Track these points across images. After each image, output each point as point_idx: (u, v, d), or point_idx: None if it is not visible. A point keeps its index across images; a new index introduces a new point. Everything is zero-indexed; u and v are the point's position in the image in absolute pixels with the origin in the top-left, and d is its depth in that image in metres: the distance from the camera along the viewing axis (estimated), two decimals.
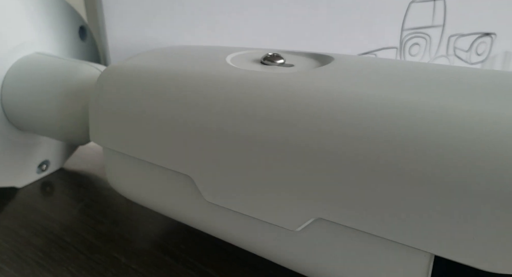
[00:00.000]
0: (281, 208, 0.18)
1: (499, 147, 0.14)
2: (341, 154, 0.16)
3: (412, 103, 0.16)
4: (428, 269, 0.16)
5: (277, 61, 0.21)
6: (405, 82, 0.18)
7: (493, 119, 0.14)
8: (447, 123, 0.15)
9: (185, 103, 0.19)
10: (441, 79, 0.18)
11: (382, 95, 0.17)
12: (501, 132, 0.14)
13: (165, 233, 0.26)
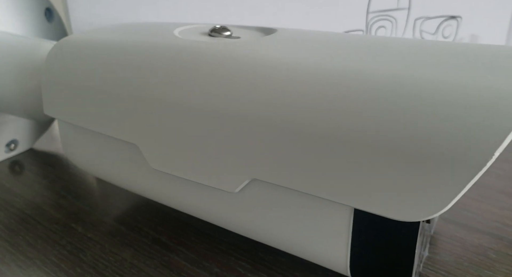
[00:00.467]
0: (219, 171, 0.18)
1: (408, 107, 0.14)
2: (269, 118, 0.17)
3: (335, 69, 0.17)
4: (350, 222, 0.16)
5: (224, 33, 0.22)
6: (335, 50, 0.18)
7: (402, 80, 0.15)
8: (365, 86, 0.16)
9: (128, 73, 0.20)
10: (369, 47, 0.19)
11: (312, 61, 0.17)
12: (412, 94, 0.15)
13: (125, 206, 0.26)
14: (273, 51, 0.19)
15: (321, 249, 0.18)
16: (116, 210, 0.26)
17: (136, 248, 0.22)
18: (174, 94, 0.19)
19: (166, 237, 0.23)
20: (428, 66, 0.16)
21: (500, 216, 0.24)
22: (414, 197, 0.14)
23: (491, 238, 0.22)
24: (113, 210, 0.26)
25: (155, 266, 0.21)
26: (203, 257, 0.22)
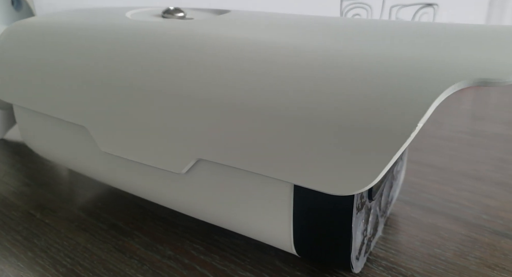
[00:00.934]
0: (166, 152, 0.18)
1: (335, 81, 0.14)
2: (211, 98, 0.16)
3: (272, 44, 0.17)
4: (290, 199, 0.16)
5: (177, 15, 0.22)
6: (278, 28, 0.18)
7: (332, 54, 0.15)
8: (298, 61, 0.16)
9: (76, 55, 0.20)
10: (312, 26, 0.19)
11: (253, 38, 0.17)
12: (339, 68, 0.15)
13: (88, 193, 0.26)
14: (221, 29, 0.19)
15: (267, 228, 0.18)
16: (78, 197, 0.26)
17: (92, 233, 0.22)
18: (120, 75, 0.19)
19: (123, 223, 0.23)
20: (363, 42, 0.16)
21: (458, 197, 0.24)
22: (345, 171, 0.14)
23: (446, 218, 0.23)
24: (75, 197, 0.26)
25: (108, 249, 0.21)
26: (158, 240, 0.22)
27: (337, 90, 0.14)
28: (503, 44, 0.15)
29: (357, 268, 0.18)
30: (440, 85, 0.13)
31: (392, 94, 0.14)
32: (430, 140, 0.33)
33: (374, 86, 0.14)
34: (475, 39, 0.15)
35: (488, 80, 0.13)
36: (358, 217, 0.17)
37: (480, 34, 0.16)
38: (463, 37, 0.16)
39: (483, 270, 0.19)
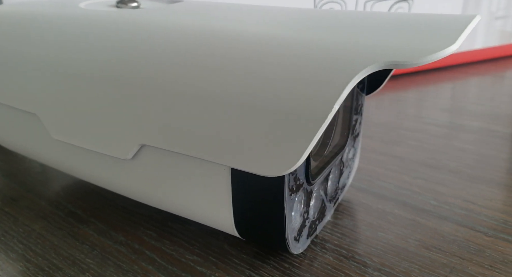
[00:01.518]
0: (112, 139, 0.19)
1: (259, 67, 0.15)
2: (151, 85, 0.17)
3: (209, 30, 0.17)
4: (229, 182, 0.17)
5: (131, 4, 0.22)
6: (221, 16, 0.19)
7: (258, 38, 0.16)
8: (236, 49, 0.16)
9: (26, 43, 0.20)
10: (256, 14, 0.19)
11: (196, 26, 0.18)
12: (262, 54, 0.15)
13: (52, 183, 0.27)
14: (165, 18, 0.19)
15: (210, 211, 0.18)
16: (41, 187, 0.27)
17: (49, 220, 0.23)
18: (67, 63, 0.19)
19: (81, 211, 0.24)
20: (294, 29, 0.17)
21: (411, 185, 0.25)
22: (272, 153, 0.15)
23: (396, 204, 0.23)
24: (39, 186, 0.27)
25: (62, 236, 0.22)
26: (113, 228, 0.22)
27: (262, 76, 0.15)
28: (419, 30, 0.15)
29: (297, 249, 0.19)
30: (353, 68, 0.14)
31: (311, 79, 0.14)
32: (397, 131, 0.33)
33: (295, 71, 0.15)
34: (395, 26, 0.16)
35: (397, 62, 0.14)
36: (293, 199, 0.18)
37: (403, 21, 0.17)
38: (386, 24, 0.16)
39: (420, 251, 0.19)
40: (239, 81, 0.15)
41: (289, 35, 0.16)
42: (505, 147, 0.29)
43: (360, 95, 0.23)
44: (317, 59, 0.15)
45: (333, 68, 0.14)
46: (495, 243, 0.20)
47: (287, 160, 0.15)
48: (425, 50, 0.14)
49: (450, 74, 0.50)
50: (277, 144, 0.15)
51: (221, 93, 0.16)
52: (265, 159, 0.15)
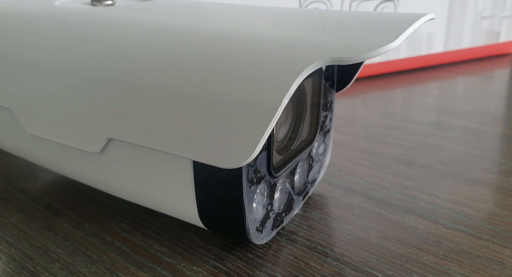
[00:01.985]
0: (81, 133, 0.20)
1: (217, 61, 0.16)
2: (115, 80, 0.18)
3: (176, 26, 0.18)
4: (191, 174, 0.18)
5: (105, 2, 0.23)
6: (190, 13, 0.20)
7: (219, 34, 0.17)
8: (196, 45, 0.17)
9: (1, 39, 0.21)
10: (223, 11, 0.20)
11: (158, 21, 0.19)
12: (219, 50, 0.16)
13: (33, 177, 0.28)
14: (134, 15, 0.20)
15: (176, 203, 0.19)
16: (22, 181, 0.27)
17: (26, 213, 0.24)
18: (39, 59, 0.20)
19: (58, 203, 0.25)
20: (254, 26, 0.17)
21: (381, 180, 0.26)
22: (228, 146, 0.15)
23: (363, 197, 0.24)
24: (20, 181, 0.27)
25: (37, 228, 0.22)
26: (87, 220, 0.23)
27: (218, 72, 0.16)
28: (366, 28, 0.16)
29: (260, 240, 0.20)
30: (301, 65, 0.15)
31: (262, 75, 0.15)
32: (376, 128, 0.34)
33: (248, 67, 0.15)
34: (345, 24, 0.17)
35: (342, 58, 0.14)
36: (254, 191, 0.18)
37: (353, 19, 0.17)
38: (337, 22, 0.17)
39: (380, 242, 0.20)
40: (197, 76, 0.16)
41: (246, 32, 0.17)
42: (478, 144, 0.30)
43: (329, 91, 0.24)
44: (268, 56, 0.15)
45: (283, 64, 0.15)
46: (453, 235, 0.20)
47: (242, 152, 0.15)
48: (368, 46, 0.14)
49: (438, 73, 0.51)
50: (232, 137, 0.16)
51: (180, 88, 0.16)
52: (222, 151, 0.16)
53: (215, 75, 0.16)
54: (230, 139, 0.16)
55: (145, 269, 0.19)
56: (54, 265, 0.20)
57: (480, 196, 0.23)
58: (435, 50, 0.52)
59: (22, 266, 0.20)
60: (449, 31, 0.52)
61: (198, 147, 0.16)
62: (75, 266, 0.19)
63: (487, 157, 0.28)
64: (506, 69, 0.52)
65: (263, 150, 0.18)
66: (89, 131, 0.19)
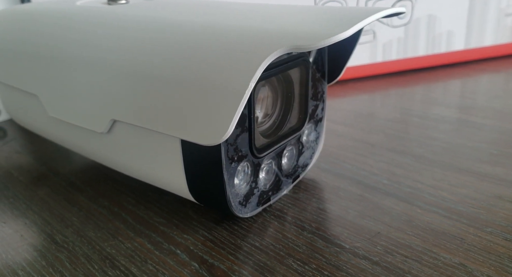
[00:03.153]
0: (91, 115, 0.22)
1: (191, 50, 0.18)
2: (120, 68, 0.20)
3: (172, 23, 0.20)
4: (180, 151, 0.20)
5: (120, 1, 0.26)
6: (187, 11, 0.22)
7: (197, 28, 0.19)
8: (180, 37, 0.19)
9: (30, 35, 0.24)
10: (214, 7, 0.22)
11: (161, 17, 0.21)
12: (199, 41, 0.18)
13: (62, 159, 0.31)
14: (141, 12, 0.23)
15: (170, 178, 0.21)
16: (52, 162, 0.30)
17: (52, 188, 0.27)
18: (59, 51, 0.23)
19: (80, 181, 0.27)
20: (229, 18, 0.19)
21: (372, 167, 0.27)
22: (207, 125, 0.17)
23: (351, 182, 0.25)
24: (50, 161, 0.30)
25: (59, 200, 0.25)
26: (101, 195, 0.26)
27: (197, 60, 0.18)
28: (324, 20, 0.17)
29: (244, 213, 0.21)
30: (264, 52, 0.16)
31: (233, 62, 0.17)
32: (380, 122, 0.35)
33: (221, 56, 0.17)
34: (307, 16, 0.18)
35: (300, 46, 0.16)
36: (235, 167, 0.20)
37: (315, 12, 0.19)
38: (300, 14, 0.19)
39: (355, 220, 0.21)
40: (179, 65, 0.18)
41: (224, 25, 0.19)
42: (476, 136, 0.30)
43: (319, 82, 0.25)
44: (240, 44, 0.17)
45: (251, 52, 0.17)
46: (425, 215, 0.21)
47: (218, 131, 0.17)
48: (321, 35, 0.16)
49: (459, 71, 0.50)
50: (209, 117, 0.17)
51: (167, 75, 0.18)
52: (201, 130, 0.18)
53: (194, 63, 0.18)
54: (207, 119, 0.17)
55: (143, 236, 0.21)
56: (67, 229, 0.22)
57: (462, 183, 0.24)
58: (455, 48, 0.52)
59: (42, 229, 0.22)
60: (470, 28, 0.52)
61: (182, 126, 0.18)
62: (84, 231, 0.22)
63: (480, 148, 0.28)
64: None
65: (244, 131, 0.20)
66: (97, 114, 0.22)
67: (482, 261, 0.18)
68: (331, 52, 0.25)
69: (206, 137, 0.18)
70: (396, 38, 0.49)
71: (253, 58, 0.16)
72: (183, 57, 0.18)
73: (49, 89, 0.24)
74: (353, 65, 0.48)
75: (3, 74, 0.26)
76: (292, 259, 0.19)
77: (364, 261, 0.18)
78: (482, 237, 0.19)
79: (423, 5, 0.49)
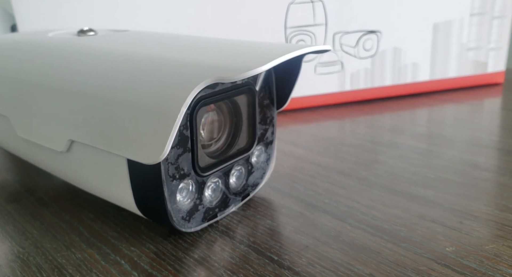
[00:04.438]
0: (53, 136, 0.24)
1: (131, 77, 0.20)
2: (77, 92, 0.22)
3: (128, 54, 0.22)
4: (127, 169, 0.21)
5: (89, 33, 0.28)
6: (145, 43, 0.24)
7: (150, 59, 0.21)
8: (131, 66, 0.21)
9: (4, 62, 0.26)
10: (170, 40, 0.24)
11: (120, 49, 0.23)
12: (142, 69, 0.20)
13: (35, 177, 0.32)
14: (105, 43, 0.25)
15: (120, 194, 0.23)
16: (26, 179, 0.32)
17: (21, 204, 0.28)
18: (27, 76, 0.25)
19: (48, 197, 0.29)
20: (160, 49, 0.21)
21: (318, 187, 0.28)
22: (147, 146, 0.19)
23: (295, 200, 0.26)
24: (24, 178, 0.32)
25: (24, 214, 0.27)
26: (64, 210, 0.27)
27: (139, 87, 0.19)
28: (247, 54, 0.19)
29: (187, 228, 0.23)
30: (194, 82, 0.18)
31: (169, 89, 0.19)
32: (337, 146, 0.36)
33: (160, 83, 0.19)
34: (232, 50, 0.20)
35: (223, 78, 0.18)
36: (176, 185, 0.21)
37: (240, 46, 0.21)
38: (229, 47, 0.21)
39: (290, 235, 0.23)
40: (125, 89, 0.20)
41: (164, 55, 0.21)
42: (418, 161, 0.32)
43: (268, 108, 0.27)
44: (175, 75, 0.19)
45: (184, 81, 0.18)
46: (353, 232, 0.23)
47: (156, 151, 0.19)
48: (241, 69, 0.17)
49: (425, 101, 0.52)
50: (149, 138, 0.19)
51: (115, 99, 0.20)
52: (143, 150, 0.19)
53: (138, 89, 0.20)
54: (148, 140, 0.19)
55: (94, 248, 0.23)
56: (26, 241, 0.24)
57: (393, 203, 0.25)
58: (420, 78, 0.54)
59: (2, 241, 0.24)
60: (434, 60, 0.54)
61: (127, 146, 0.20)
62: (42, 243, 0.23)
63: (419, 172, 0.30)
64: (497, 98, 0.52)
65: (186, 151, 0.22)
66: (58, 135, 0.23)
67: (389, 272, 0.19)
68: (278, 81, 0.27)
69: (146, 157, 0.19)
70: (363, 69, 0.51)
71: (186, 87, 0.18)
72: (129, 83, 0.20)
73: (18, 111, 0.25)
74: (323, 93, 0.50)
75: None
76: (223, 269, 0.20)
77: (287, 271, 0.20)
78: (396, 251, 0.21)
79: (388, 38, 0.51)
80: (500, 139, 0.36)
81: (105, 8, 0.39)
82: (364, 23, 0.50)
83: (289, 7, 0.46)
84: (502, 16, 0.55)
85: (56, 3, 0.38)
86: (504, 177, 0.28)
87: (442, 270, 0.19)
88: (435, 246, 0.21)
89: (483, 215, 0.24)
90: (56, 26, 0.38)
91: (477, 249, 0.21)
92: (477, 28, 0.55)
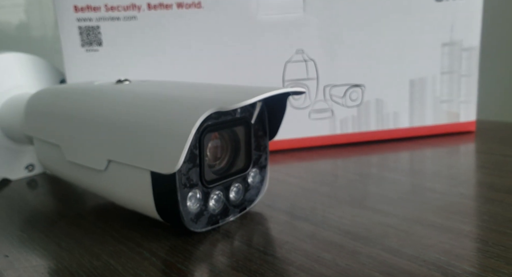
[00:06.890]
0: (95, 157, 0.29)
1: (154, 110, 0.25)
2: (116, 122, 0.28)
3: (144, 94, 0.28)
4: (150, 180, 0.26)
5: (125, 82, 0.34)
6: (157, 87, 0.30)
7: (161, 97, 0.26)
8: (151, 100, 0.26)
9: (60, 104, 0.32)
10: (171, 85, 0.30)
11: (143, 90, 0.29)
12: (160, 102, 0.26)
13: (78, 198, 0.37)
14: (134, 87, 0.31)
15: (143, 200, 0.27)
16: (72, 201, 0.37)
17: (68, 220, 0.33)
18: (78, 113, 0.30)
19: (85, 213, 0.33)
20: (176, 90, 0.27)
21: (306, 205, 0.32)
22: (164, 160, 0.24)
23: (283, 213, 0.31)
24: (70, 200, 0.37)
25: (70, 225, 0.31)
26: (99, 221, 0.31)
27: (161, 116, 0.25)
28: (239, 92, 0.25)
29: (195, 228, 0.27)
30: (200, 111, 0.23)
31: (182, 117, 0.24)
32: (326, 176, 0.40)
33: (176, 112, 0.25)
34: (230, 89, 0.26)
35: (222, 107, 0.23)
36: (187, 192, 0.26)
37: (234, 87, 0.26)
38: (223, 88, 0.26)
39: (276, 234, 0.27)
40: (150, 118, 0.25)
41: (179, 94, 0.26)
42: (389, 186, 0.36)
43: (262, 138, 0.32)
44: (187, 106, 0.24)
45: (192, 111, 0.24)
46: (324, 232, 0.27)
47: (171, 164, 0.24)
48: (234, 102, 0.23)
49: (406, 144, 0.56)
50: (166, 154, 0.24)
51: (141, 124, 0.26)
52: (163, 163, 0.25)
53: (160, 118, 0.25)
54: (166, 155, 0.24)
55: (122, 244, 0.27)
56: (70, 240, 0.28)
57: (361, 215, 0.30)
58: (401, 125, 0.59)
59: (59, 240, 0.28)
60: (412, 110, 0.59)
61: (150, 160, 0.25)
62: (82, 240, 0.28)
63: (385, 194, 0.34)
64: (471, 144, 0.56)
65: (195, 166, 0.26)
66: (99, 156, 0.29)
67: (348, 258, 0.23)
68: (270, 117, 0.32)
69: (165, 168, 0.24)
70: (351, 116, 0.56)
71: (195, 114, 0.23)
72: (152, 114, 0.26)
73: (68, 140, 0.31)
74: (316, 135, 0.55)
75: (39, 131, 0.34)
76: (221, 255, 0.24)
77: (270, 257, 0.24)
78: (355, 244, 0.25)
79: (371, 91, 0.57)
80: (464, 172, 0.40)
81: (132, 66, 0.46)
82: (350, 78, 0.56)
83: (286, 65, 0.53)
84: (468, 74, 0.61)
85: (99, 63, 0.45)
86: (455, 197, 0.32)
87: (388, 256, 0.23)
88: (386, 241, 0.25)
89: (428, 222, 0.28)
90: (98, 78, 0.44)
91: (417, 244, 0.25)
92: (448, 84, 0.60)
